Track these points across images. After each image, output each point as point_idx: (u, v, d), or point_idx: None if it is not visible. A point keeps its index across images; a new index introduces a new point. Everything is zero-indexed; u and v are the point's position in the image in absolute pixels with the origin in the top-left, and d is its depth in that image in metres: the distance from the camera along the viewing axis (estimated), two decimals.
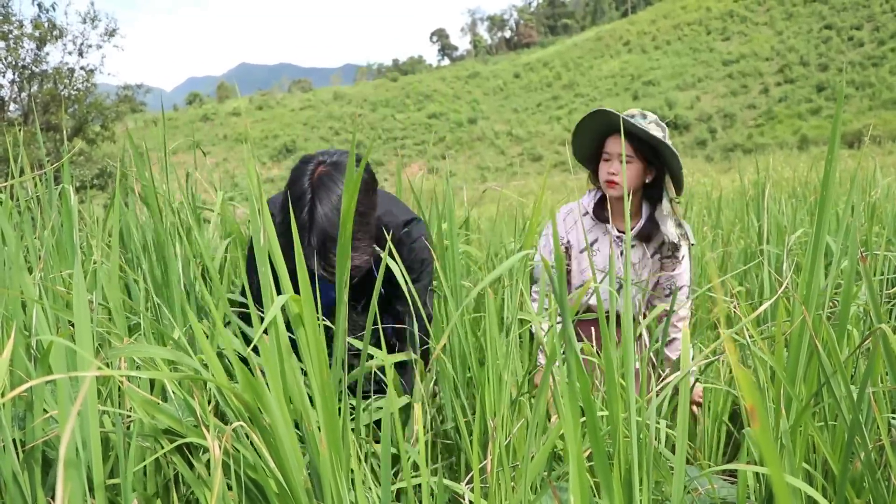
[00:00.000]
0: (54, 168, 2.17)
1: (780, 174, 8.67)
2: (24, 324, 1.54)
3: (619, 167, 2.37)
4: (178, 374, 1.09)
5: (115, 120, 24.17)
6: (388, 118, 77.89)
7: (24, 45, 21.70)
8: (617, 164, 2.39)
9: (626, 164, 2.36)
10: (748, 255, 3.36)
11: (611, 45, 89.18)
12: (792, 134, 47.68)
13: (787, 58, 64.39)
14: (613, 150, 2.41)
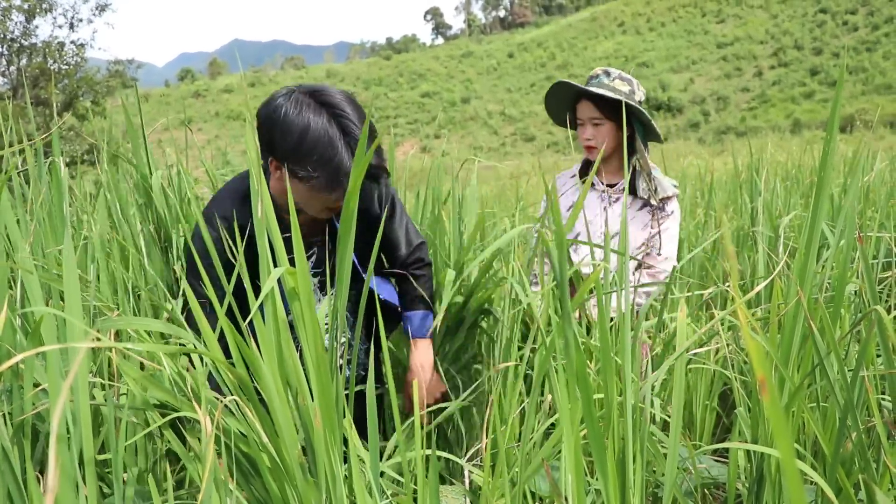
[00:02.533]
0: (44, 139, 2.14)
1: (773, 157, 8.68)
2: (12, 297, 1.52)
3: (592, 132, 2.46)
4: (172, 346, 1.08)
5: (107, 95, 23.97)
6: (381, 97, 77.56)
7: (13, 17, 21.45)
8: (590, 129, 2.46)
9: (597, 126, 2.44)
10: (741, 237, 3.37)
11: (605, 25, 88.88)
12: (785, 117, 47.74)
13: (781, 41, 64.36)
14: (584, 115, 2.48)
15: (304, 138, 1.58)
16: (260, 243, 1.10)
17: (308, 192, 1.66)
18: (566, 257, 0.87)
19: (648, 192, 2.44)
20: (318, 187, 1.62)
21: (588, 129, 2.47)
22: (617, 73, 2.47)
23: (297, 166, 1.60)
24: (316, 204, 1.70)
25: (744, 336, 0.44)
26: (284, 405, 1.09)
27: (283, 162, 1.62)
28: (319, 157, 1.59)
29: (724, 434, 2.42)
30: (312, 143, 1.58)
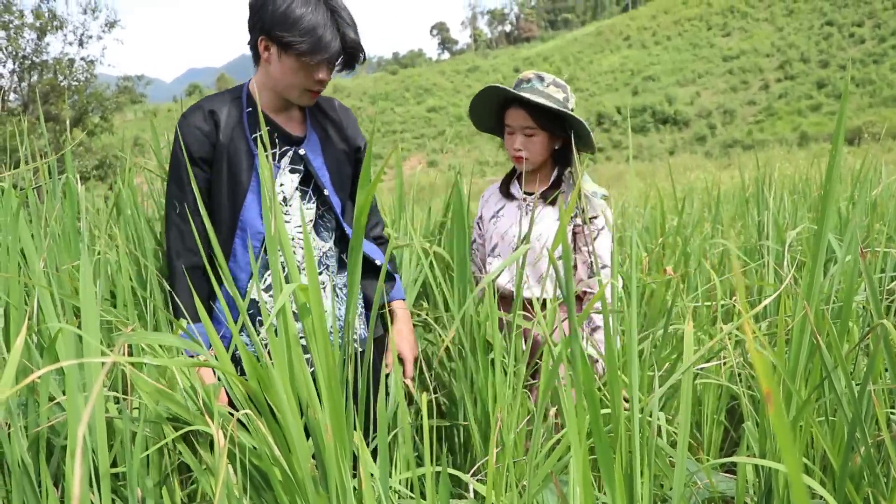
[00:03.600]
0: (56, 157, 2.17)
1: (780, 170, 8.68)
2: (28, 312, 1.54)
3: (523, 141, 2.29)
4: (185, 360, 1.10)
5: (115, 111, 24.13)
6: (388, 111, 77.80)
7: (25, 35, 21.65)
8: (520, 139, 2.30)
9: (530, 136, 2.28)
10: (748, 251, 3.37)
11: (611, 39, 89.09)
12: (792, 130, 47.64)
13: (787, 54, 64.34)
14: (514, 122, 2.30)
15: (304, 3, 1.78)
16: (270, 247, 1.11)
17: (295, 64, 1.82)
18: (572, 275, 0.89)
19: (576, 207, 2.26)
20: (304, 52, 1.78)
21: (518, 139, 2.30)
22: (551, 79, 2.31)
23: (285, 32, 1.77)
24: (300, 80, 1.86)
25: (749, 350, 0.45)
26: (297, 420, 1.10)
27: (272, 32, 1.78)
28: (308, 21, 1.77)
29: (732, 448, 2.42)
30: (301, 7, 1.77)
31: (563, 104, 2.27)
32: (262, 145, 1.87)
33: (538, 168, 2.37)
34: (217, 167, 1.88)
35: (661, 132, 59.75)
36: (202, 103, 1.91)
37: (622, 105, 64.60)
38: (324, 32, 1.79)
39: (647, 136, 59.13)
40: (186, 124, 1.87)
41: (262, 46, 1.84)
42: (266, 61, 1.86)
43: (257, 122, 1.91)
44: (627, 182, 20.00)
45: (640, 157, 48.59)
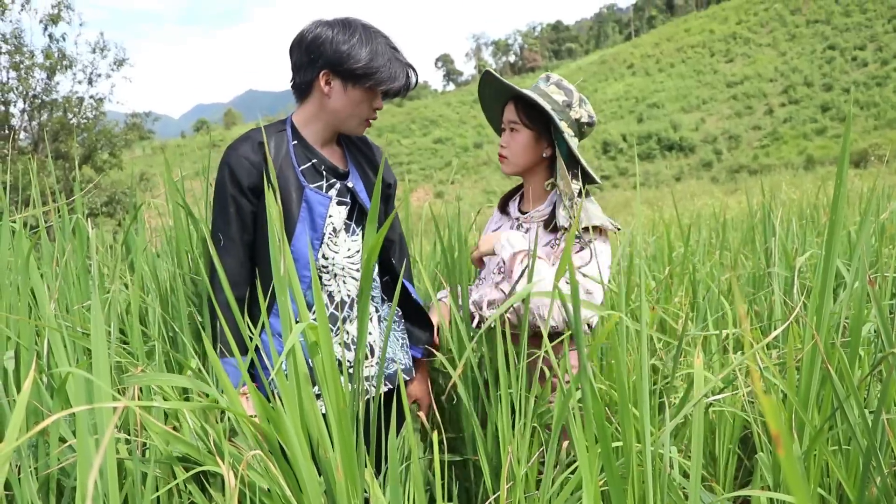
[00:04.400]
0: (68, 202, 2.20)
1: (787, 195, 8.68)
2: (37, 353, 1.55)
3: (506, 138, 2.13)
4: (197, 403, 1.10)
5: (124, 147, 24.36)
6: (394, 143, 78.28)
7: (35, 74, 21.95)
8: (506, 136, 2.13)
9: (513, 132, 2.10)
10: (756, 278, 3.36)
11: (615, 68, 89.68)
12: (797, 154, 47.71)
13: (790, 78, 64.63)
14: (505, 117, 2.14)
15: (368, 39, 1.88)
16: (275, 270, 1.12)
17: (360, 96, 1.91)
18: (580, 308, 0.89)
19: (569, 219, 2.00)
20: (381, 81, 1.89)
21: (505, 135, 2.14)
22: (556, 79, 2.12)
23: (358, 65, 1.85)
24: (362, 111, 1.95)
25: (755, 392, 0.45)
26: (308, 460, 1.10)
27: (339, 66, 1.86)
28: (381, 55, 1.88)
29: (746, 478, 2.40)
30: (368, 42, 1.88)
31: (561, 107, 2.06)
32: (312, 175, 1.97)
33: (528, 176, 2.17)
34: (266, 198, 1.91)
35: (668, 158, 59.90)
36: (251, 134, 1.95)
37: (628, 132, 64.84)
38: (393, 64, 1.93)
39: (653, 162, 59.27)
40: (236, 155, 1.90)
41: (323, 81, 1.91)
42: (325, 95, 1.93)
43: (304, 155, 1.97)
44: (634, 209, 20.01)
45: (647, 184, 48.65)
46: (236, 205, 1.89)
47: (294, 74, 1.99)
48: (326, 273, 2.01)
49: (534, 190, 2.17)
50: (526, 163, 2.11)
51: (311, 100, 1.98)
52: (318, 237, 1.97)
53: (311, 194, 1.95)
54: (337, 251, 2.01)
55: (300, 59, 1.94)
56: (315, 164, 1.98)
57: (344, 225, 2.03)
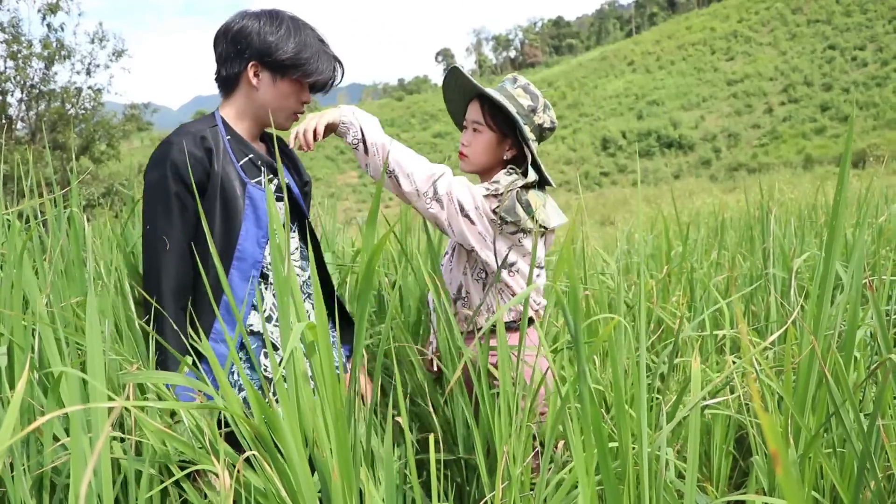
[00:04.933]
0: (64, 192, 2.19)
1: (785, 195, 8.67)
2: (32, 348, 1.55)
3: (468, 137, 2.12)
4: (193, 403, 1.10)
5: (122, 139, 24.30)
6: (394, 137, 77.97)
7: (33, 64, 21.88)
8: (468, 134, 2.12)
9: (476, 132, 2.10)
10: (753, 278, 3.36)
11: (615, 64, 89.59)
12: (796, 153, 47.72)
13: (790, 78, 64.58)
14: (469, 115, 2.14)
15: (296, 31, 1.88)
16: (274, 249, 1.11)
17: (289, 88, 1.90)
18: (580, 312, 0.89)
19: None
20: (308, 73, 1.89)
21: (467, 133, 2.13)
22: (524, 83, 2.13)
23: (286, 57, 1.84)
24: (290, 104, 1.94)
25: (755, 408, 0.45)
26: (303, 459, 1.09)
27: (267, 58, 1.84)
28: (309, 47, 1.88)
29: (741, 478, 2.40)
30: (297, 34, 1.88)
31: (526, 112, 2.07)
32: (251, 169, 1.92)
33: (486, 176, 2.16)
34: (210, 195, 1.83)
35: (667, 156, 59.88)
36: (188, 128, 1.86)
37: (627, 129, 64.80)
38: (322, 56, 1.93)
39: (652, 160, 59.24)
40: (178, 150, 1.80)
41: (251, 73, 1.88)
42: (254, 87, 1.90)
43: (240, 149, 1.91)
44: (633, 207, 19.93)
45: (646, 182, 48.64)
46: (181, 204, 1.80)
47: (220, 67, 1.93)
48: (272, 271, 1.95)
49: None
50: (486, 163, 2.12)
51: (238, 93, 1.93)
52: (263, 234, 1.90)
53: (254, 190, 1.89)
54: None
55: (227, 51, 1.89)
56: (252, 159, 1.93)
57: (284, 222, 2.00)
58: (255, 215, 1.89)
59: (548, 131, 2.15)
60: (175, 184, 1.78)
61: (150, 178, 1.82)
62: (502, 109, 2.05)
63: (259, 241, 1.89)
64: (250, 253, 1.87)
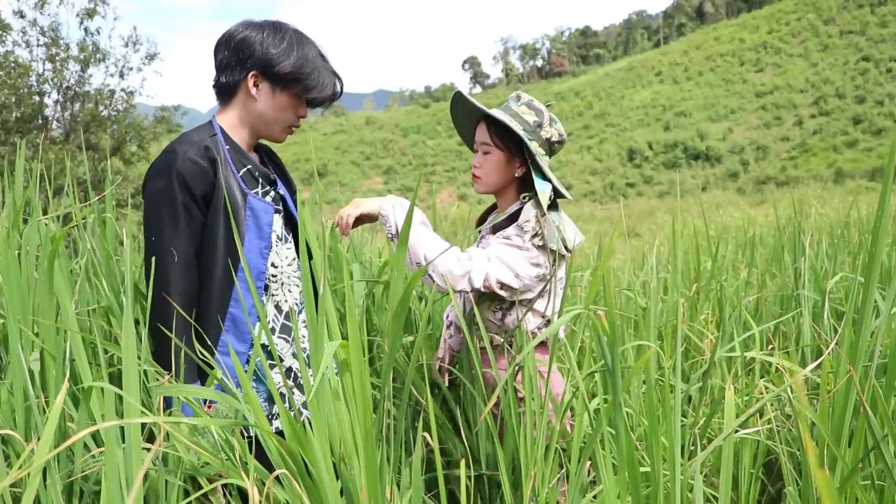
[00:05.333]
0: (99, 199, 2.21)
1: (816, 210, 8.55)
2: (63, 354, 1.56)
3: (479, 158, 2.14)
4: (225, 420, 1.10)
5: (152, 140, 24.66)
6: (419, 144, 78.32)
7: (70, 66, 22.28)
8: (478, 156, 2.14)
9: (486, 154, 2.11)
10: (784, 299, 3.31)
11: (643, 75, 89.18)
12: (827, 167, 47.15)
13: (822, 90, 63.86)
14: (478, 137, 2.16)
15: (299, 45, 1.89)
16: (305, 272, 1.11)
17: (287, 101, 1.92)
18: (617, 342, 0.87)
19: (534, 229, 1.98)
20: (309, 88, 1.91)
21: (477, 155, 2.15)
22: (527, 99, 2.13)
23: (287, 69, 1.86)
24: (287, 117, 1.95)
25: (811, 466, 0.43)
26: (332, 478, 1.09)
27: (268, 69, 1.86)
28: (311, 61, 1.90)
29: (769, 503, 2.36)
30: (300, 47, 1.89)
31: (532, 128, 2.08)
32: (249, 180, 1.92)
33: (501, 195, 2.18)
34: (215, 207, 1.82)
35: (693, 168, 59.46)
36: (191, 137, 1.85)
37: (654, 140, 64.44)
38: (323, 72, 1.94)
39: (678, 171, 58.82)
40: (184, 160, 1.77)
41: (251, 83, 1.88)
42: (252, 97, 1.90)
43: (239, 160, 1.90)
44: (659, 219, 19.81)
45: (671, 193, 48.30)
46: (188, 215, 1.78)
47: (219, 74, 1.92)
48: (275, 282, 1.95)
49: (505, 207, 2.18)
50: (498, 182, 2.14)
51: (236, 102, 1.93)
52: (266, 245, 1.91)
53: (255, 201, 1.89)
54: (283, 259, 1.97)
55: (228, 59, 1.89)
56: (250, 170, 1.93)
57: (283, 232, 2.00)
58: (257, 226, 1.89)
59: (557, 144, 2.15)
60: (182, 194, 1.77)
61: (154, 188, 1.80)
62: (508, 129, 2.06)
63: (261, 251, 1.90)
64: (254, 264, 1.88)
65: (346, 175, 68.14)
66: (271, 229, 1.91)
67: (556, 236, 1.99)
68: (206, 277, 1.82)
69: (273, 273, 1.93)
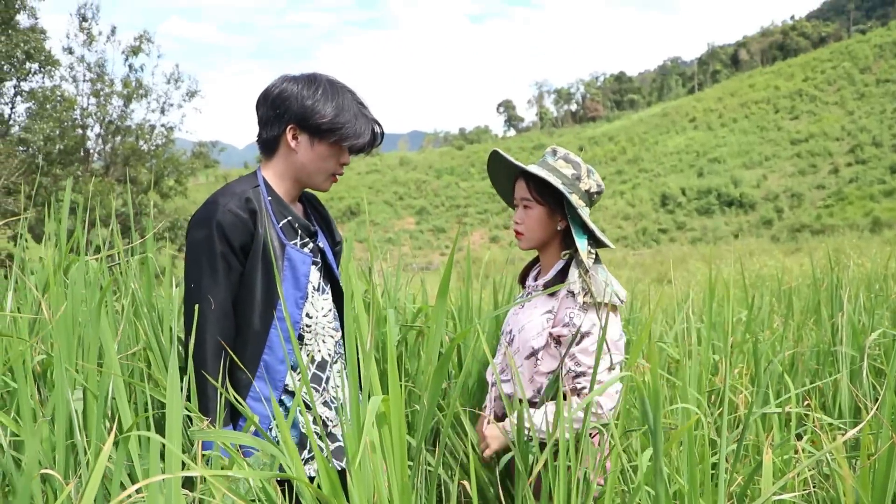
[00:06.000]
0: (141, 242, 2.27)
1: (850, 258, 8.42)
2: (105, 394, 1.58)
3: (520, 214, 2.15)
4: (267, 472, 1.11)
5: (189, 175, 25.13)
6: (452, 185, 78.76)
7: (113, 101, 22.93)
8: (520, 212, 2.15)
9: (526, 209, 2.12)
10: (821, 353, 3.25)
11: (677, 121, 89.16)
12: (863, 216, 46.53)
13: (858, 138, 63.28)
14: (517, 194, 2.17)
15: (334, 95, 1.94)
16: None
17: (327, 151, 1.95)
18: (660, 404, 0.87)
19: (582, 288, 2.00)
20: (345, 137, 1.94)
21: (518, 211, 2.16)
22: (563, 153, 2.13)
23: (323, 121, 1.90)
24: (329, 166, 1.99)
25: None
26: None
27: (305, 121, 1.90)
28: (346, 111, 1.94)
29: None
30: (335, 97, 1.93)
31: (571, 181, 2.08)
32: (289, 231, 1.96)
33: (544, 249, 2.19)
34: (253, 257, 1.87)
35: (727, 214, 59.04)
36: (233, 188, 1.91)
37: (687, 186, 64.17)
38: (359, 120, 1.98)
39: (711, 218, 58.46)
40: (224, 211, 1.84)
41: (290, 136, 1.94)
42: (293, 150, 1.95)
43: (280, 211, 1.95)
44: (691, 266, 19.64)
45: (704, 240, 47.95)
46: (227, 265, 1.84)
47: (261, 129, 2.00)
48: (309, 332, 1.97)
49: (549, 261, 2.19)
50: (542, 238, 2.15)
51: (278, 155, 1.99)
52: (302, 296, 1.95)
53: (293, 252, 1.94)
54: (318, 310, 2.00)
55: (266, 114, 1.96)
56: (290, 221, 1.97)
57: (320, 283, 2.03)
58: (294, 276, 1.93)
59: (596, 195, 2.17)
60: (221, 244, 1.83)
61: (195, 237, 1.86)
62: (547, 184, 2.07)
63: (297, 301, 1.93)
64: (289, 313, 1.90)
65: (379, 214, 68.66)
66: (308, 280, 1.95)
67: (604, 290, 2.00)
68: (242, 325, 1.87)
69: (307, 323, 1.96)
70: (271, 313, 1.88)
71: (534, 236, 2.14)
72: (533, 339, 2.06)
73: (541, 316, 2.08)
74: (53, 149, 19.94)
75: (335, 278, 2.08)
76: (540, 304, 2.11)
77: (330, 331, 2.03)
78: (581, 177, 2.10)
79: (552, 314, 2.07)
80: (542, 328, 2.06)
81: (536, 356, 2.05)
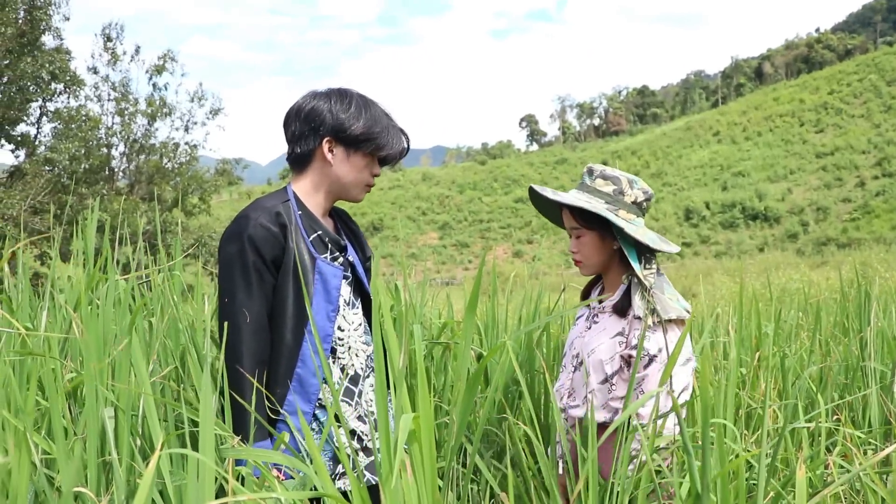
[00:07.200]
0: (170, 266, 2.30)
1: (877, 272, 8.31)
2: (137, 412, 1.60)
3: (574, 243, 2.13)
4: (300, 493, 1.12)
5: (213, 193, 25.31)
6: (475, 200, 78.87)
7: (138, 120, 23.18)
8: (573, 241, 2.13)
9: (578, 238, 2.10)
10: (849, 367, 3.21)
11: (700, 135, 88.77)
12: (891, 229, 46.00)
13: (885, 151, 62.63)
14: (566, 225, 2.16)
15: (366, 107, 1.98)
16: None
17: (362, 161, 1.99)
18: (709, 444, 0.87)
19: (645, 309, 1.97)
20: (380, 146, 1.98)
21: (572, 240, 2.14)
22: (599, 171, 2.12)
23: (360, 132, 1.94)
24: (364, 177, 2.02)
25: None
26: None
27: (341, 133, 1.94)
28: (380, 121, 1.99)
29: None
30: (367, 109, 1.98)
31: (614, 197, 2.06)
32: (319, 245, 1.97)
33: (606, 270, 2.15)
34: (285, 270, 1.89)
35: (751, 228, 58.61)
36: (264, 203, 1.94)
37: (711, 200, 63.81)
38: (391, 130, 2.03)
39: (736, 231, 58.04)
40: (255, 225, 1.86)
41: (325, 148, 1.96)
42: (328, 162, 1.97)
43: (310, 225, 1.97)
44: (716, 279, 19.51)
45: (729, 254, 47.56)
46: (260, 277, 1.86)
47: (292, 146, 2.01)
48: (342, 345, 1.98)
49: (612, 281, 2.15)
50: (600, 262, 2.12)
51: (311, 169, 2.00)
52: (333, 309, 1.95)
53: (324, 266, 1.94)
54: (350, 323, 2.01)
55: (300, 130, 1.98)
56: (321, 236, 1.98)
57: (350, 297, 2.04)
58: (325, 290, 1.94)
59: (646, 203, 2.12)
60: (253, 257, 1.85)
61: (227, 252, 1.88)
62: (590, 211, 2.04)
63: (329, 315, 1.94)
64: (321, 327, 1.92)
65: (402, 229, 68.90)
66: (339, 293, 1.96)
67: (669, 305, 1.98)
68: (275, 338, 1.88)
69: (339, 336, 1.97)
70: (303, 327, 1.90)
71: (592, 262, 2.12)
72: (606, 363, 2.01)
73: (611, 339, 2.03)
74: (79, 168, 20.17)
75: (365, 292, 2.09)
76: (609, 325, 2.07)
77: (361, 345, 2.03)
78: (623, 190, 2.06)
79: (623, 336, 2.02)
80: (613, 352, 2.02)
81: (611, 381, 2.01)
